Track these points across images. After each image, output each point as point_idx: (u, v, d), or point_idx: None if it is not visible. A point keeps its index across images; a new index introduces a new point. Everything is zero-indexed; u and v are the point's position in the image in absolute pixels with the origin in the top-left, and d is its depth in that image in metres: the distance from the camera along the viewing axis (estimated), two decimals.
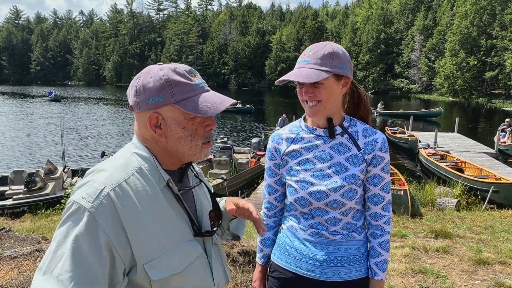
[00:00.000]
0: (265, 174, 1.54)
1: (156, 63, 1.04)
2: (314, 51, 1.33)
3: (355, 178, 1.34)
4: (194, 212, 1.08)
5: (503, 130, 16.35)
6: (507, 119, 17.78)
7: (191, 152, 1.02)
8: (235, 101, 1.04)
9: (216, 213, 1.12)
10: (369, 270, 1.40)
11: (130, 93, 1.00)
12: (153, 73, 0.97)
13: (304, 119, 1.48)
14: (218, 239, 1.18)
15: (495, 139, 16.41)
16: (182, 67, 1.00)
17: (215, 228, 1.09)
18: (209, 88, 1.04)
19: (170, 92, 0.96)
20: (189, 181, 1.12)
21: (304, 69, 1.31)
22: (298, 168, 1.40)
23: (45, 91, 48.71)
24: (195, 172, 1.16)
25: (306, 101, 1.34)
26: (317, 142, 1.39)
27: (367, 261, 1.41)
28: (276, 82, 1.38)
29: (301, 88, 1.35)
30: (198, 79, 1.01)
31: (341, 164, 1.35)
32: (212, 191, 1.28)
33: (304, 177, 1.38)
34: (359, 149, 1.36)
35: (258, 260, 1.57)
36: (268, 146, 1.53)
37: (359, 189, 1.37)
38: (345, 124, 1.40)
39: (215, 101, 0.99)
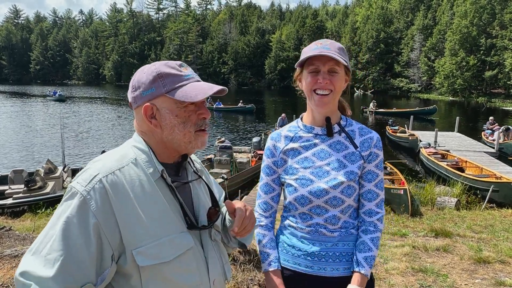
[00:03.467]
0: (261, 174, 1.51)
1: (155, 63, 1.09)
2: (329, 42, 1.37)
3: (354, 175, 1.36)
4: (190, 206, 1.10)
5: (492, 129, 16.71)
6: (491, 117, 18.12)
7: (186, 139, 1.05)
8: (224, 88, 1.07)
9: (216, 210, 1.13)
10: (356, 263, 1.34)
11: (129, 91, 1.08)
12: (146, 69, 1.05)
13: (301, 119, 1.50)
14: (218, 235, 1.18)
15: (484, 136, 16.67)
16: (173, 62, 1.07)
17: (210, 224, 1.09)
18: (200, 79, 1.09)
19: (161, 84, 1.02)
20: (187, 176, 1.14)
21: (328, 52, 1.33)
22: (297, 166, 1.41)
23: (49, 91, 47.68)
24: (194, 169, 1.18)
25: (315, 91, 1.35)
26: (316, 140, 1.42)
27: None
28: (297, 64, 1.40)
29: (315, 76, 1.35)
30: (188, 71, 1.07)
31: (340, 161, 1.37)
32: (218, 192, 1.29)
33: (303, 175, 1.39)
34: (355, 147, 1.39)
35: (268, 268, 1.41)
36: (267, 144, 1.52)
37: (357, 186, 1.39)
38: (342, 123, 1.43)
39: (204, 87, 1.05)
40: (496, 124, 17.52)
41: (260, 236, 1.47)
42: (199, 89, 1.03)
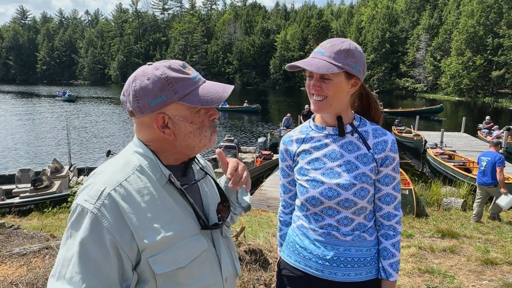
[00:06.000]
0: (279, 174, 1.57)
1: (152, 63, 1.02)
2: (331, 44, 1.31)
3: (366, 177, 1.33)
4: (200, 205, 1.08)
5: (490, 128, 16.75)
6: (488, 117, 18.15)
7: (201, 144, 1.03)
8: (233, 86, 1.05)
9: (225, 205, 1.12)
10: (383, 271, 1.37)
11: (127, 99, 0.98)
12: (149, 74, 0.95)
13: (313, 119, 1.47)
14: (228, 231, 1.17)
15: (481, 135, 16.68)
16: (176, 63, 0.99)
17: (221, 221, 1.08)
18: (205, 79, 1.04)
19: (172, 90, 0.95)
20: (194, 174, 1.12)
21: (316, 59, 1.29)
22: (308, 167, 1.39)
23: (59, 91, 47.47)
24: (200, 166, 1.16)
25: (313, 95, 1.33)
26: (327, 140, 1.38)
27: (378, 262, 1.39)
28: (286, 67, 1.37)
29: (310, 80, 1.33)
30: (193, 72, 1.01)
31: (351, 163, 1.34)
32: (221, 185, 1.26)
33: (314, 176, 1.36)
34: (368, 148, 1.34)
35: (279, 253, 1.62)
36: (279, 148, 1.54)
37: (371, 188, 1.36)
38: (355, 123, 1.39)
39: (217, 90, 1.00)
40: (492, 123, 17.59)
41: (278, 228, 1.65)
42: (213, 92, 0.98)
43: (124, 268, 0.91)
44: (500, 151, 14.13)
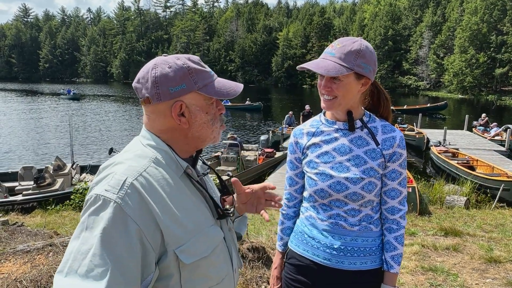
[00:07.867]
0: (287, 167, 1.59)
1: (168, 55, 1.06)
2: (342, 45, 1.33)
3: (373, 172, 1.37)
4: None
5: (486, 126, 16.79)
6: (484, 114, 18.19)
7: (212, 135, 1.06)
8: (242, 85, 1.11)
9: (228, 197, 1.16)
10: (385, 263, 1.43)
11: (144, 86, 0.98)
12: (170, 63, 0.98)
13: (324, 113, 1.51)
14: (231, 223, 1.20)
15: (478, 132, 16.68)
16: (194, 56, 1.04)
17: (232, 209, 1.11)
18: (216, 75, 1.09)
19: (192, 80, 0.98)
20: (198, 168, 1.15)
21: (327, 61, 1.32)
22: (317, 160, 1.43)
23: (63, 89, 47.58)
24: (202, 160, 1.19)
25: (324, 94, 1.37)
26: (336, 135, 1.42)
27: (382, 253, 1.45)
28: (297, 67, 1.39)
29: (321, 79, 1.36)
30: (208, 67, 1.06)
31: (360, 157, 1.38)
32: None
33: (323, 170, 1.40)
34: (377, 144, 1.38)
35: (278, 248, 1.63)
36: (289, 140, 1.57)
37: (378, 182, 1.40)
38: (365, 119, 1.43)
39: (231, 85, 1.06)
40: (483, 121, 17.64)
41: (280, 222, 1.64)
42: (228, 86, 1.04)
43: (147, 262, 0.88)
44: (503, 149, 14.14)
